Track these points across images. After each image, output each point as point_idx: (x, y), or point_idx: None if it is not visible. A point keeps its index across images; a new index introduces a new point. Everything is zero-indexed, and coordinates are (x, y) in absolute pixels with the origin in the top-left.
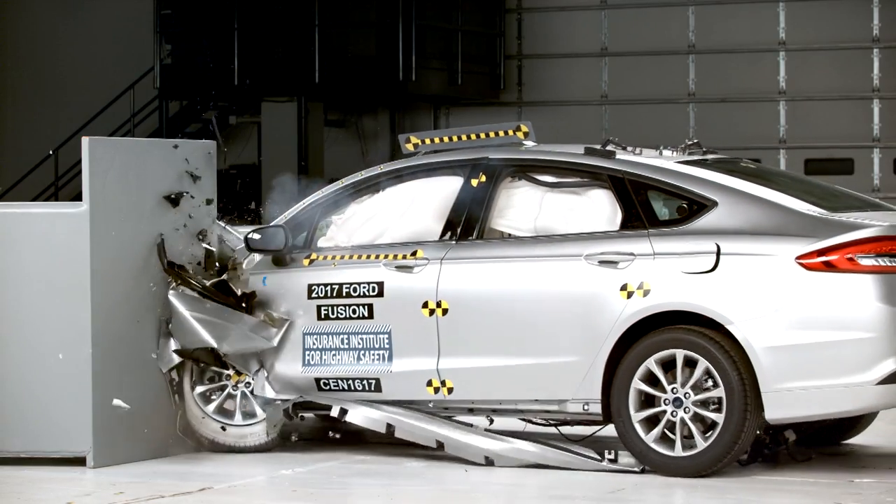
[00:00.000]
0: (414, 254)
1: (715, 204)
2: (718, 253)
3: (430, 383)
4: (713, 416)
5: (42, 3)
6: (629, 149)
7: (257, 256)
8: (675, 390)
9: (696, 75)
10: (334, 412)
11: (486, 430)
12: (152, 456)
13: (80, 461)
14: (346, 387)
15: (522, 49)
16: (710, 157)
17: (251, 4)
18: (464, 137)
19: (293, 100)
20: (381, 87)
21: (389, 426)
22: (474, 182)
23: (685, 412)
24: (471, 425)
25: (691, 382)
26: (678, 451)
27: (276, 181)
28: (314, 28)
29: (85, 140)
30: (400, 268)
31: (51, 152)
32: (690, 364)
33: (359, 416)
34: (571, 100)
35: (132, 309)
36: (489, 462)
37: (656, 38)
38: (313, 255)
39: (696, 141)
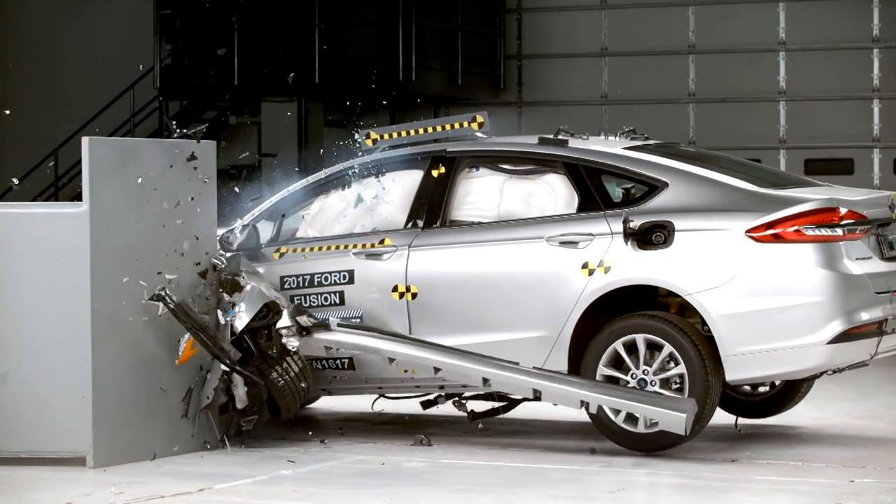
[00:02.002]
0: (381, 242)
1: (666, 185)
2: (672, 228)
3: None
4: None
5: (43, 4)
6: (577, 136)
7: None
8: (644, 372)
9: (696, 75)
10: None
11: (535, 367)
12: (152, 456)
13: (80, 461)
14: (319, 366)
15: (522, 49)
16: (651, 142)
17: (251, 4)
18: (421, 131)
19: (293, 100)
20: (381, 87)
21: (436, 369)
22: (435, 173)
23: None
24: (516, 363)
25: (655, 366)
26: (640, 428)
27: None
28: (314, 28)
29: (85, 140)
30: (369, 256)
31: (44, 159)
32: (653, 348)
33: (403, 358)
34: (571, 100)
35: (132, 309)
36: (537, 396)
37: (656, 38)
38: (283, 249)
39: (632, 128)
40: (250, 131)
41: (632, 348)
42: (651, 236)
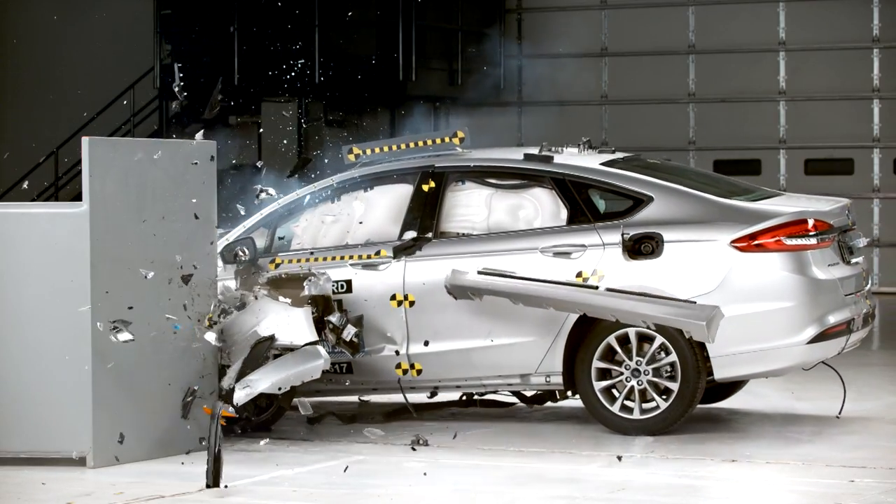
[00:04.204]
0: (377, 253)
1: (651, 199)
2: (661, 239)
3: (398, 366)
4: (668, 383)
5: (42, 3)
6: (554, 149)
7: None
8: (638, 362)
9: (696, 75)
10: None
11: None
12: (152, 456)
13: (80, 461)
14: None
15: (522, 49)
16: (619, 155)
17: (251, 4)
18: (403, 146)
19: (293, 100)
20: (381, 87)
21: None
22: (425, 188)
23: (639, 384)
24: (595, 286)
25: (647, 356)
26: (636, 415)
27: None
28: (314, 28)
29: (85, 140)
30: (366, 266)
31: (41, 160)
32: (644, 340)
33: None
34: (571, 100)
35: (132, 309)
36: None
37: (656, 38)
38: (278, 260)
39: (588, 139)
40: (250, 131)
41: (624, 342)
42: (640, 247)
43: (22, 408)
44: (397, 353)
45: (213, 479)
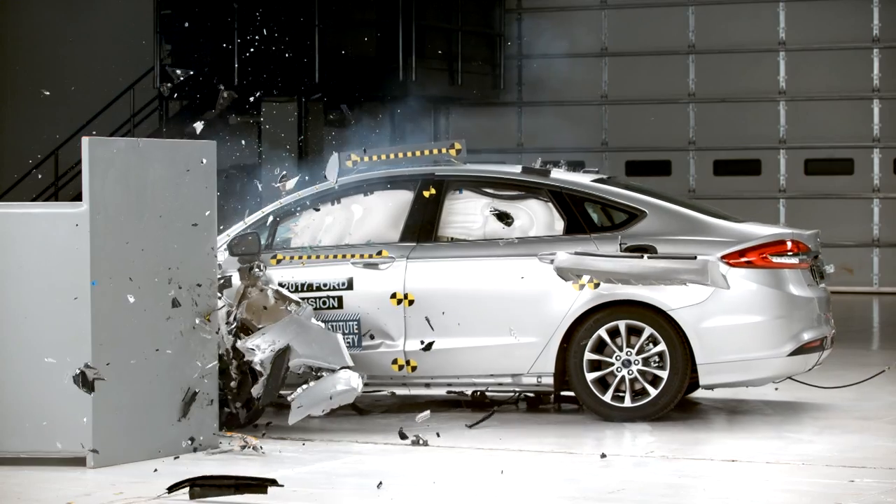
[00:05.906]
0: (379, 253)
1: (644, 214)
2: (655, 252)
3: (395, 361)
4: (657, 371)
5: (42, 3)
6: (548, 166)
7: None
8: (628, 353)
9: (696, 75)
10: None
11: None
12: (152, 456)
13: (80, 461)
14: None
15: (522, 49)
16: (602, 175)
17: (251, 4)
18: (400, 155)
19: (293, 100)
20: (381, 88)
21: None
22: (426, 193)
23: (629, 373)
24: (638, 257)
25: (637, 347)
26: (626, 403)
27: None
28: (314, 28)
29: (85, 140)
30: (368, 265)
31: (36, 160)
32: (633, 333)
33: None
34: (571, 100)
35: (132, 309)
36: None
37: (656, 38)
38: (279, 256)
39: (563, 162)
40: (251, 131)
41: (614, 335)
42: None
43: (22, 408)
44: (395, 349)
45: (271, 480)
